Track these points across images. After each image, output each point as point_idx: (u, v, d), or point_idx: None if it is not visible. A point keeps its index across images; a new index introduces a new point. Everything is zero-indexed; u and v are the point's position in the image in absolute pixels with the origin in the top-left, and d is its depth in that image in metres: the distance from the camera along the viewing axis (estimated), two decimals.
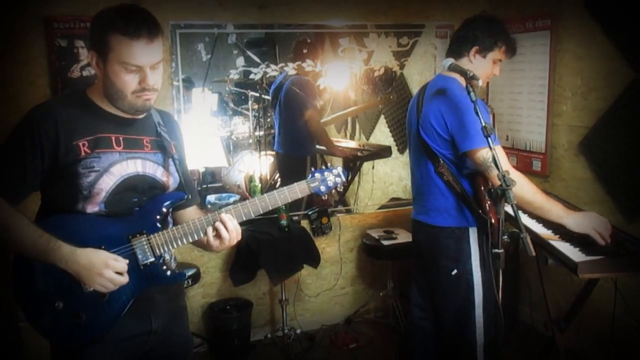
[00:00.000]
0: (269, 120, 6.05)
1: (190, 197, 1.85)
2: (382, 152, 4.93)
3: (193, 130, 4.93)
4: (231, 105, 7.09)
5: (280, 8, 3.64)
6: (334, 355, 3.66)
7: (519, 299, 3.97)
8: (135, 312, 1.71)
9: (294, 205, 3.82)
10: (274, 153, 5.48)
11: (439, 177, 2.50)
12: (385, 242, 3.73)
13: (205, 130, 5.14)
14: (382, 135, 5.53)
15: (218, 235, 1.75)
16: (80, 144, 1.65)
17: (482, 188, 2.39)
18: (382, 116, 5.38)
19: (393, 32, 4.17)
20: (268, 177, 4.94)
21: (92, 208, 1.68)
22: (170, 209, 1.80)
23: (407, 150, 4.98)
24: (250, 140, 5.86)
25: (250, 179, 5.65)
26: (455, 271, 2.51)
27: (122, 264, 1.62)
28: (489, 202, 2.33)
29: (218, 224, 1.74)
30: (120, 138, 1.72)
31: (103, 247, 1.64)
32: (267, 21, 3.66)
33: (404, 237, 3.80)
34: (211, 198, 4.50)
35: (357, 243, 4.06)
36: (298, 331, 3.79)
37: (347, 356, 3.65)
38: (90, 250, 1.60)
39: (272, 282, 3.47)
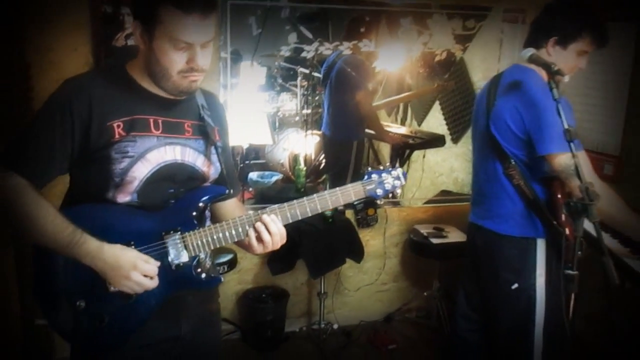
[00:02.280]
0: (317, 98, 5.83)
1: (231, 191, 1.65)
2: (435, 141, 4.65)
3: (239, 105, 4.78)
4: (279, 81, 6.86)
5: None
6: (371, 355, 3.47)
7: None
8: (162, 315, 1.54)
9: None
10: (320, 133, 5.27)
11: (507, 179, 2.23)
12: (435, 240, 3.48)
13: (251, 107, 4.96)
14: (436, 122, 5.22)
15: (259, 237, 1.55)
16: (115, 125, 1.46)
17: (559, 196, 2.12)
18: (437, 102, 5.08)
19: (459, 14, 3.85)
20: (312, 158, 4.74)
21: (123, 197, 1.50)
22: (209, 204, 1.61)
23: (462, 141, 4.79)
24: (297, 118, 5.65)
25: (295, 159, 5.46)
26: (515, 285, 2.26)
27: (152, 266, 1.45)
28: (564, 214, 2.06)
29: (259, 225, 1.54)
30: (160, 121, 1.53)
31: (132, 243, 1.46)
32: None
33: (454, 236, 3.55)
34: (253, 175, 4.34)
35: (403, 238, 3.83)
36: (335, 326, 3.60)
37: (385, 358, 3.45)
38: (118, 248, 1.42)
39: (311, 275, 3.27)
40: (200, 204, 1.55)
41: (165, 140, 1.53)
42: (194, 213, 1.54)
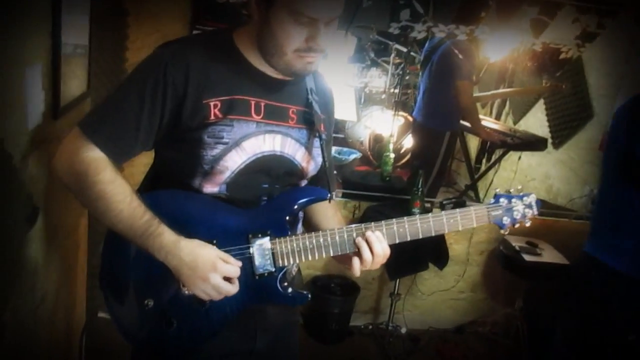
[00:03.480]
0: (407, 78, 5.49)
1: (333, 195, 1.41)
2: (536, 144, 4.24)
3: (326, 75, 4.55)
4: (371, 54, 6.53)
5: None
6: None
7: None
8: (237, 326, 1.35)
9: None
10: (405, 115, 4.95)
11: None
12: (527, 257, 3.14)
13: (339, 78, 4.70)
14: (536, 122, 4.79)
15: (358, 254, 1.32)
16: (212, 104, 1.25)
17: None
18: (542, 101, 4.64)
19: (591, 8, 3.39)
20: (395, 140, 4.46)
21: (211, 188, 1.30)
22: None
23: (565, 147, 4.35)
24: (384, 96, 5.36)
25: (376, 138, 5.18)
26: (634, 337, 1.93)
27: (233, 268, 1.25)
28: None
29: (360, 241, 1.31)
30: (262, 104, 1.31)
31: (215, 242, 1.26)
32: None
33: (549, 255, 3.19)
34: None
35: (491, 247, 3.50)
36: (403, 330, 3.36)
37: None
38: (197, 245, 1.23)
39: (389, 277, 3.03)
40: (296, 207, 1.33)
41: (266, 128, 1.31)
42: (288, 217, 1.32)
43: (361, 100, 5.87)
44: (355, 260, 1.33)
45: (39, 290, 1.69)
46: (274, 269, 1.30)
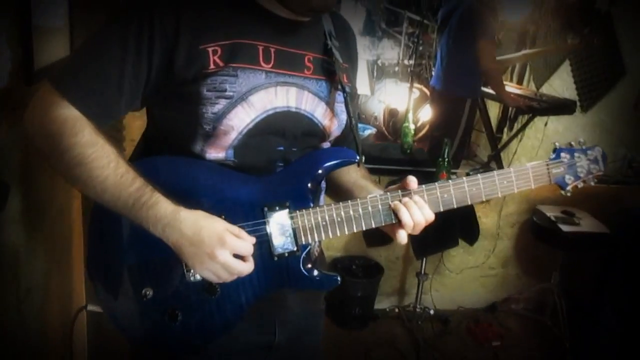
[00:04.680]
0: (421, 49, 5.23)
1: (363, 159, 1.18)
2: (563, 108, 3.98)
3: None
4: (382, 25, 6.25)
5: None
6: (471, 349, 3.00)
7: None
8: (253, 318, 1.13)
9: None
10: (420, 87, 4.71)
11: None
12: (564, 227, 2.89)
13: None
14: (562, 85, 4.49)
15: (396, 224, 1.10)
16: (211, 50, 1.02)
17: None
18: (567, 62, 4.35)
19: None
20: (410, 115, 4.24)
21: (215, 153, 1.07)
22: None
23: (594, 110, 4.08)
24: (397, 69, 5.11)
25: (391, 113, 4.94)
26: None
27: (246, 244, 1.02)
28: None
29: (397, 205, 1.09)
30: (272, 50, 1.07)
31: (223, 216, 1.03)
32: None
33: (588, 224, 2.95)
34: None
35: (522, 218, 3.26)
36: (431, 311, 3.14)
37: (487, 354, 2.97)
38: (201, 216, 1.00)
39: (415, 255, 2.80)
40: (319, 172, 1.10)
41: (277, 79, 1.08)
42: (310, 184, 1.09)
43: (374, 73, 5.63)
44: (400, 231, 1.10)
45: (23, 282, 1.47)
46: (295, 248, 1.08)
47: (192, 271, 1.05)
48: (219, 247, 0.98)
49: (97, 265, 1.09)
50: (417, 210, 1.10)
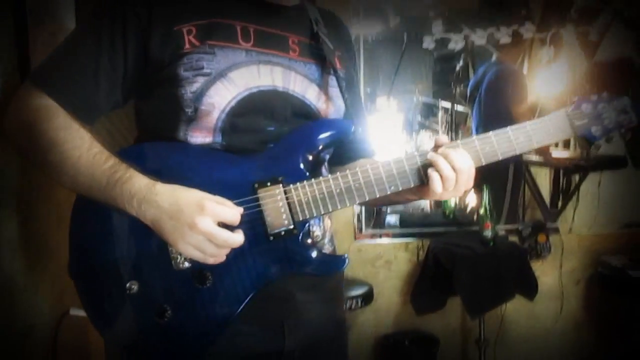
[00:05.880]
0: (459, 138, 5.24)
1: (359, 129, 1.10)
2: (614, 163, 3.78)
3: (375, 146, 4.38)
4: (418, 118, 6.34)
5: None
6: None
7: None
8: (258, 318, 1.00)
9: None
10: None
11: None
12: (633, 273, 2.61)
13: (389, 147, 4.54)
14: (610, 146, 4.33)
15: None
16: (185, 29, 1.00)
17: None
18: None
19: None
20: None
21: (201, 137, 1.02)
22: (327, 150, 1.08)
23: None
24: None
25: None
26: None
27: (229, 209, 0.93)
28: None
29: (434, 156, 1.00)
30: (251, 29, 1.05)
31: None
32: None
33: None
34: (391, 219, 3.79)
35: (587, 274, 2.98)
36: None
37: None
38: (178, 188, 0.93)
39: (469, 314, 2.55)
40: (318, 144, 1.02)
41: (259, 57, 1.04)
42: (303, 157, 1.01)
43: None
44: (434, 176, 0.99)
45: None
46: (292, 226, 0.97)
47: (178, 258, 0.95)
48: (199, 214, 0.89)
49: (78, 263, 1.01)
50: (460, 157, 0.99)
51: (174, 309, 0.96)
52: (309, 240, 1.00)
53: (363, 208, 3.16)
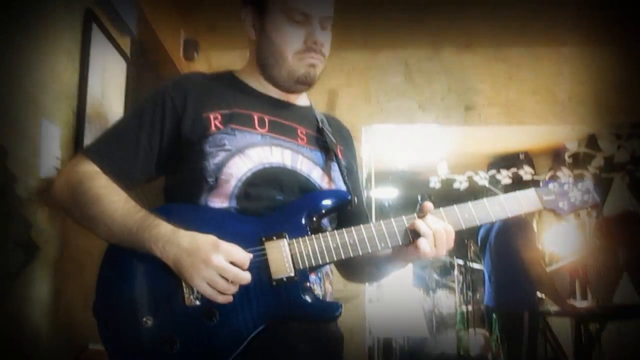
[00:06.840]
0: (477, 297, 5.28)
1: (355, 200, 1.27)
2: (632, 311, 3.79)
3: (391, 300, 4.47)
4: (435, 276, 6.43)
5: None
6: None
7: None
8: (258, 356, 1.09)
9: None
10: (483, 332, 4.60)
11: None
12: None
13: (405, 303, 4.65)
14: (626, 297, 4.32)
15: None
16: (212, 116, 1.24)
17: None
18: (624, 273, 4.25)
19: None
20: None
21: (219, 202, 1.21)
22: (328, 215, 1.24)
23: None
24: (458, 318, 5.06)
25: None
26: None
27: (241, 250, 1.09)
28: None
29: (415, 222, 1.16)
30: (266, 119, 1.28)
31: None
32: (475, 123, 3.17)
33: None
34: None
35: None
36: None
37: None
38: (198, 233, 1.09)
39: None
40: (314, 208, 1.19)
41: (272, 141, 1.26)
42: (305, 218, 1.17)
43: (433, 323, 5.61)
44: (421, 240, 1.13)
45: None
46: (293, 274, 1.11)
47: (192, 295, 1.08)
48: (214, 252, 1.05)
49: (103, 302, 1.13)
50: (437, 222, 1.14)
51: (183, 340, 1.06)
52: (309, 291, 1.12)
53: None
